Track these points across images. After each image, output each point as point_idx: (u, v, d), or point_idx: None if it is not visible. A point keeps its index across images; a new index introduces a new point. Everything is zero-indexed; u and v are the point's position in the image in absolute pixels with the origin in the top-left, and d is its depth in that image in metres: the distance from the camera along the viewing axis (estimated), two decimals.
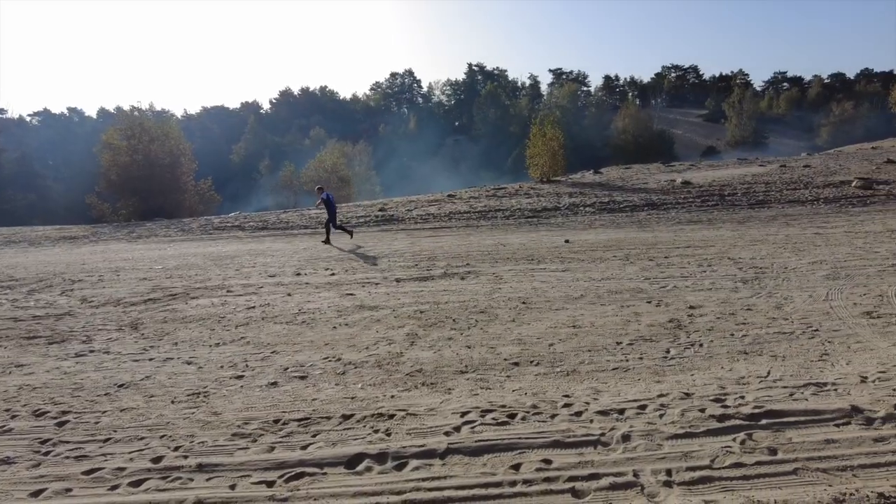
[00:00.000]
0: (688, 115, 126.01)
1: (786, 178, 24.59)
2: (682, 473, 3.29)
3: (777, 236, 12.89)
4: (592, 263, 10.85)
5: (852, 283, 8.22)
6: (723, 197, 20.72)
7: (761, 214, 17.31)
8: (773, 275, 9.01)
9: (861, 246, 11.14)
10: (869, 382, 4.50)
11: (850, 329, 6.08)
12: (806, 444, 3.54)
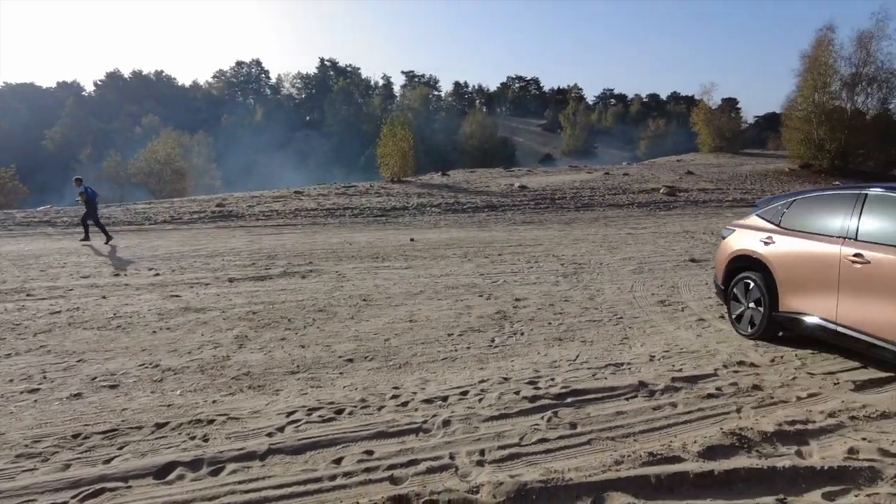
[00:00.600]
0: (529, 124, 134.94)
1: (608, 184, 27.38)
2: (493, 452, 3.53)
3: (596, 236, 14.35)
4: (434, 261, 11.20)
5: (653, 276, 9.41)
6: (554, 200, 22.55)
7: (585, 216, 19.14)
8: (589, 270, 10.01)
9: (662, 244, 12.81)
10: (655, 361, 5.19)
11: (647, 316, 6.95)
12: (601, 417, 3.99)
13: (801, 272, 5.11)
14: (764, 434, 3.56)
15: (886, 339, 4.25)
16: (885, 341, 4.26)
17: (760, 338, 5.68)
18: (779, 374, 4.74)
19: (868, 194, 4.72)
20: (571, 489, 3.04)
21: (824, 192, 5.37)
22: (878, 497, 2.90)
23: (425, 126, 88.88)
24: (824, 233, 4.97)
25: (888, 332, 4.24)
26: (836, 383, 4.47)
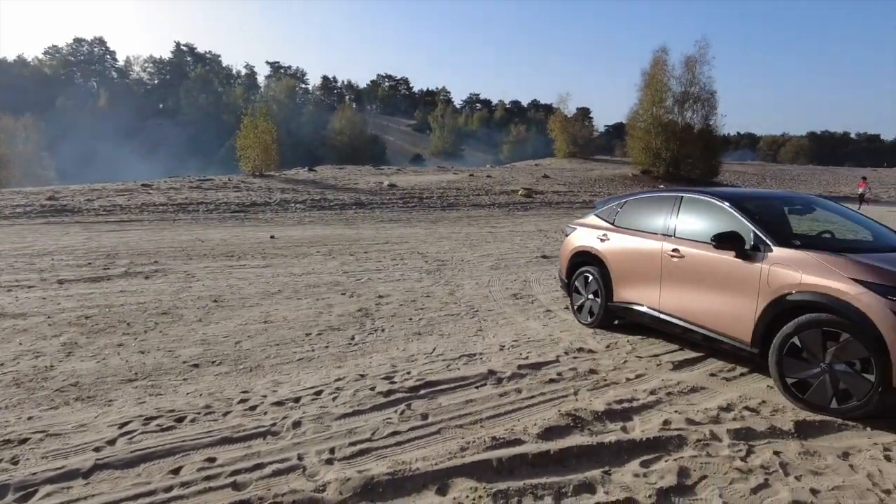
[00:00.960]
0: (399, 123, 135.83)
1: (472, 185, 28.39)
2: (344, 449, 3.49)
3: (460, 234, 14.82)
4: (296, 259, 10.85)
5: (508, 272, 9.91)
6: (421, 199, 22.92)
7: (450, 215, 19.67)
8: (451, 266, 10.30)
9: (518, 242, 13.55)
10: (505, 350, 5.47)
11: (500, 309, 7.29)
12: (451, 407, 4.12)
13: (630, 266, 5.67)
14: (595, 413, 3.90)
15: (697, 323, 4.86)
16: (696, 325, 4.87)
17: (599, 326, 6.21)
18: (612, 358, 5.21)
19: (683, 197, 5.37)
20: (418, 478, 3.10)
21: (650, 194, 6.01)
22: (683, 460, 3.29)
23: (292, 119, 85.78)
24: (649, 230, 5.56)
25: (698, 317, 4.85)
26: (658, 364, 5.01)
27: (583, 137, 52.42)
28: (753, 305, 4.27)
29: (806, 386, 3.94)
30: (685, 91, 36.71)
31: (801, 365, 3.96)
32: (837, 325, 3.74)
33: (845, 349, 3.71)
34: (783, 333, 4.01)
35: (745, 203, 4.81)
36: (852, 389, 3.72)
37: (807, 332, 3.89)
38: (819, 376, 3.86)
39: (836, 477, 3.14)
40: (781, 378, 4.07)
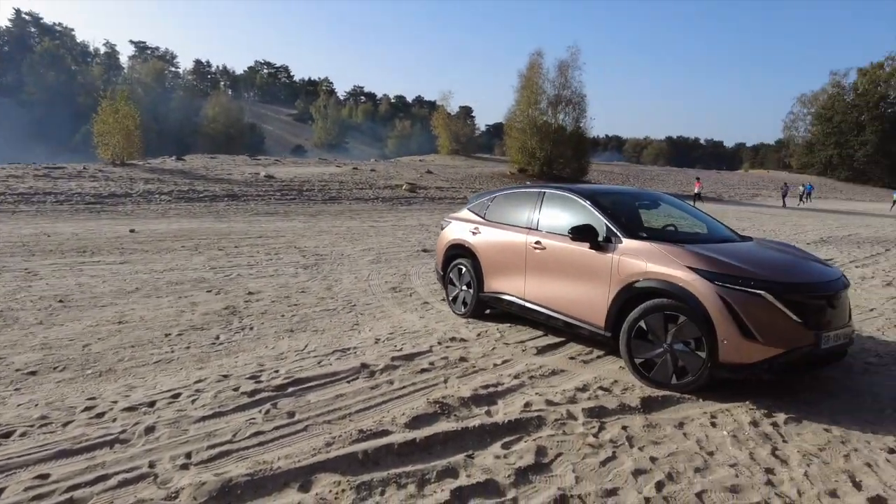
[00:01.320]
0: (279, 112, 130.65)
1: (356, 179, 28.02)
2: (201, 453, 3.29)
3: (341, 228, 14.56)
4: (158, 254, 10.07)
5: (389, 265, 9.90)
6: (301, 192, 22.23)
7: (332, 209, 19.28)
8: (330, 261, 10.09)
9: (400, 236, 13.58)
10: (380, 343, 5.45)
11: (379, 302, 7.26)
12: (320, 403, 4.03)
13: (499, 258, 5.89)
14: (462, 399, 4.00)
15: (558, 310, 5.16)
16: (557, 312, 5.17)
17: (472, 316, 6.39)
18: (482, 346, 5.39)
19: (545, 193, 5.67)
20: (279, 477, 3.00)
21: (516, 190, 6.28)
22: (542, 439, 3.48)
23: (159, 105, 79.33)
24: (515, 224, 5.82)
25: (559, 305, 5.15)
26: (524, 350, 5.26)
27: (465, 135, 53.68)
28: (606, 293, 4.62)
29: (651, 365, 4.33)
30: (558, 94, 38.85)
31: (646, 346, 4.34)
32: (676, 308, 4.15)
33: (682, 330, 4.13)
34: (631, 318, 4.38)
35: (599, 198, 5.18)
36: (688, 366, 4.15)
37: (651, 316, 4.27)
38: (662, 356, 4.26)
39: (671, 444, 3.48)
40: (630, 359, 4.44)
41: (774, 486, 3.03)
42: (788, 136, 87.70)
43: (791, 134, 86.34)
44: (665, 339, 4.22)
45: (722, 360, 3.94)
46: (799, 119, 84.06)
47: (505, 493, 2.94)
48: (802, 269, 4.42)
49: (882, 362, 5.18)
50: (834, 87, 76.96)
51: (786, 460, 3.30)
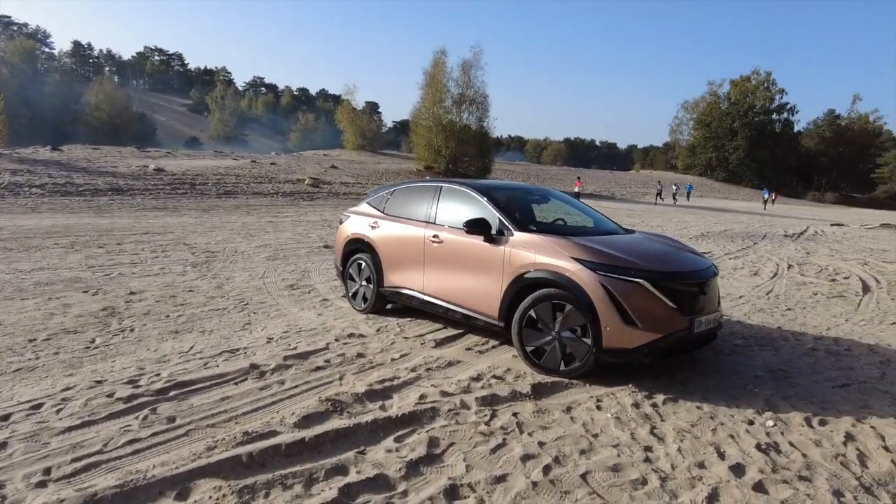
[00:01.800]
0: (172, 102, 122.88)
1: (254, 172, 26.90)
2: (64, 468, 2.99)
3: (236, 223, 13.90)
4: (25, 253, 9.11)
5: (287, 262, 9.57)
6: (194, 186, 21.00)
7: (227, 204, 18.37)
8: (223, 258, 9.59)
9: (301, 232, 13.19)
10: (273, 342, 5.24)
11: (274, 300, 6.99)
12: (204, 406, 3.80)
13: (398, 252, 5.86)
14: (356, 395, 3.93)
15: (455, 303, 5.21)
16: (455, 305, 5.22)
17: (372, 312, 6.32)
18: (381, 341, 5.33)
19: (443, 187, 5.72)
20: (153, 486, 2.79)
21: (415, 184, 6.28)
22: (434, 431, 3.49)
23: (31, 88, 71.70)
24: (414, 218, 5.81)
25: (456, 297, 5.21)
26: (422, 343, 5.27)
27: (371, 131, 53.20)
28: (499, 284, 4.72)
29: (541, 353, 4.48)
30: (462, 93, 39.46)
31: (537, 335, 4.49)
32: (563, 298, 4.32)
33: (569, 318, 4.31)
34: (522, 307, 4.51)
35: (493, 193, 5.30)
36: (575, 352, 4.33)
37: (540, 306, 4.42)
38: (551, 343, 4.42)
39: (559, 429, 3.62)
40: (522, 347, 4.57)
41: (651, 463, 3.22)
42: (674, 139, 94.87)
43: (676, 137, 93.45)
44: (553, 327, 4.38)
45: (605, 346, 4.15)
46: (683, 123, 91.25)
47: (395, 486, 2.92)
48: (678, 259, 4.75)
49: (746, 344, 5.70)
50: (711, 96, 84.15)
51: (662, 438, 3.53)
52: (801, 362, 5.17)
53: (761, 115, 79.57)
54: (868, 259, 13.28)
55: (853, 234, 21.80)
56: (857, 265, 12.19)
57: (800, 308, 7.64)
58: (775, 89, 79.60)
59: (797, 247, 15.68)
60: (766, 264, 11.84)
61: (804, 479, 3.11)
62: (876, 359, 5.40)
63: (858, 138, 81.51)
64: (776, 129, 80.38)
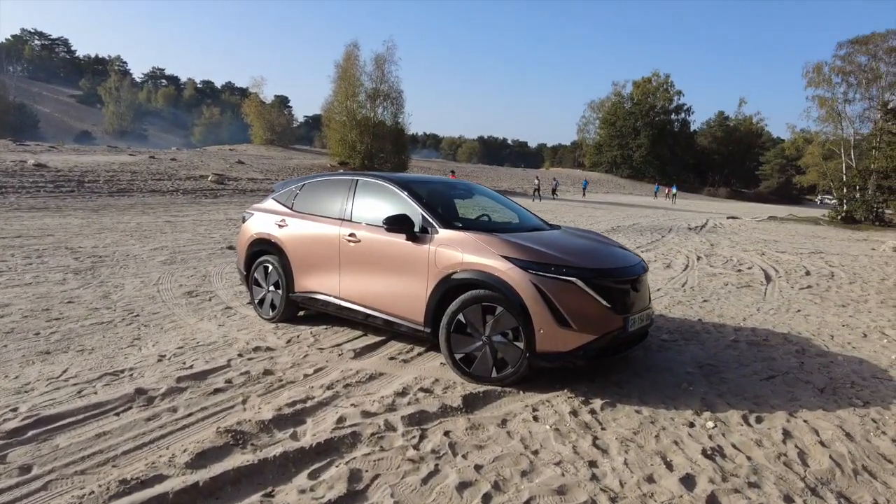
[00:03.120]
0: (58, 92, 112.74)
1: (153, 169, 24.91)
2: None
3: (129, 224, 12.61)
4: None
5: (185, 266, 8.67)
6: (82, 184, 19.04)
7: (120, 203, 16.76)
8: (111, 263, 8.54)
9: (202, 232, 12.14)
10: (165, 361, 4.55)
11: (168, 310, 6.20)
12: (73, 447, 3.12)
13: (310, 253, 5.30)
14: (262, 423, 3.39)
15: (376, 308, 4.75)
16: (376, 310, 4.76)
17: (282, 320, 5.71)
18: (292, 354, 4.77)
19: (359, 181, 5.22)
20: None
21: (328, 177, 5.73)
22: (356, 461, 3.03)
23: None
24: (327, 215, 5.28)
25: (377, 302, 4.74)
26: (340, 354, 4.76)
27: (280, 125, 51.12)
28: (424, 286, 4.32)
29: (471, 359, 4.13)
30: (376, 88, 38.69)
31: (466, 340, 4.13)
32: (493, 299, 3.98)
33: (500, 321, 3.97)
34: (450, 311, 4.13)
35: (414, 187, 4.88)
36: (507, 357, 4.01)
37: (469, 309, 4.06)
38: (481, 349, 4.07)
39: (496, 447, 3.26)
40: (451, 354, 4.19)
41: (599, 481, 2.93)
42: (581, 137, 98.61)
43: (583, 136, 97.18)
44: (484, 331, 4.04)
45: (539, 350, 3.86)
46: (589, 122, 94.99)
47: None
48: (608, 255, 4.55)
49: (672, 338, 5.65)
50: (616, 96, 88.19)
51: (606, 450, 3.27)
52: (727, 355, 5.16)
53: (661, 114, 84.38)
54: (764, 250, 14.13)
55: (747, 226, 23.38)
56: (756, 255, 12.90)
57: (715, 299, 7.81)
58: (673, 90, 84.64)
59: (701, 239, 16.46)
60: (676, 256, 12.24)
61: (754, 486, 2.94)
62: (792, 348, 5.50)
63: (745, 138, 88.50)
64: (675, 129, 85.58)
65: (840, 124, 39.14)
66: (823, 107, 39.30)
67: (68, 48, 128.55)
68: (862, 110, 38.83)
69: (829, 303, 7.89)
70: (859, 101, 39.00)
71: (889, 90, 37.13)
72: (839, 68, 38.74)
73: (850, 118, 39.03)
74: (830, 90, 39.12)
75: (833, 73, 38.94)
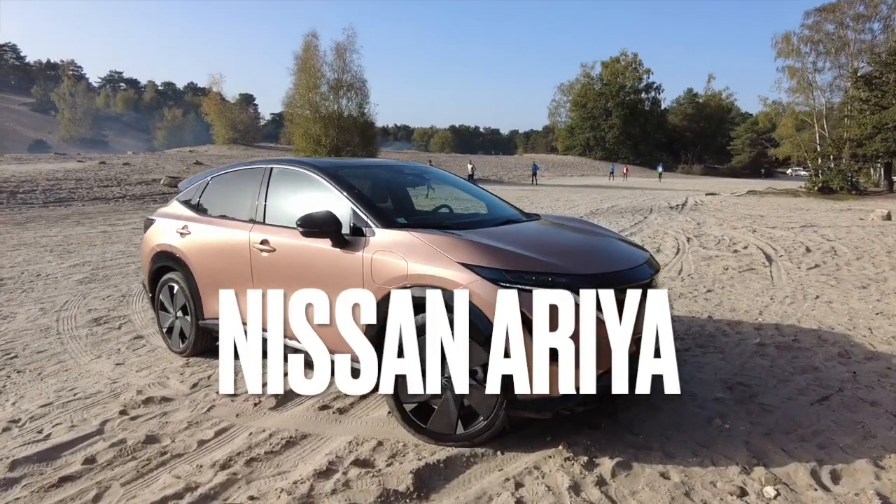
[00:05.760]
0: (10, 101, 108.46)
1: (102, 175, 23.27)
2: None
3: (55, 238, 11.17)
4: None
5: (106, 284, 7.36)
6: (14, 195, 17.39)
7: (54, 213, 15.21)
8: (13, 287, 7.19)
9: (138, 242, 10.76)
10: (15, 428, 3.31)
11: (61, 346, 4.94)
12: None
13: (217, 268, 4.08)
14: None
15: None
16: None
17: (195, 354, 4.49)
18: (193, 406, 3.56)
19: (273, 169, 3.99)
20: None
21: (239, 167, 4.48)
22: None
23: None
24: (236, 217, 4.06)
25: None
26: (256, 404, 3.56)
27: (243, 123, 49.16)
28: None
29: (428, 411, 2.96)
30: (339, 78, 37.07)
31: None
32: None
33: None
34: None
35: (343, 173, 3.66)
36: (477, 406, 2.86)
37: (420, 340, 2.88)
38: (441, 396, 2.91)
39: None
40: (398, 405, 3.02)
41: None
42: (553, 121, 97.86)
43: (555, 120, 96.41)
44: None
45: (520, 395, 2.70)
46: (560, 106, 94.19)
47: None
48: (608, 253, 3.41)
49: (684, 346, 4.57)
50: (585, 77, 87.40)
51: None
52: (757, 367, 4.09)
53: (632, 94, 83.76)
54: (754, 226, 13.24)
55: (728, 202, 22.64)
56: (748, 233, 11.98)
57: (719, 288, 6.78)
58: (642, 69, 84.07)
59: (685, 218, 15.55)
60: (665, 239, 11.25)
61: None
62: (832, 350, 4.46)
63: (715, 114, 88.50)
64: (646, 108, 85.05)
65: (811, 94, 38.82)
66: (794, 77, 38.90)
67: (17, 54, 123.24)
68: (832, 79, 38.60)
69: (848, 285, 6.91)
70: (829, 70, 38.77)
71: (858, 57, 36.83)
72: (807, 38, 38.36)
73: (821, 87, 38.75)
74: (800, 60, 38.74)
75: (801, 42, 38.55)
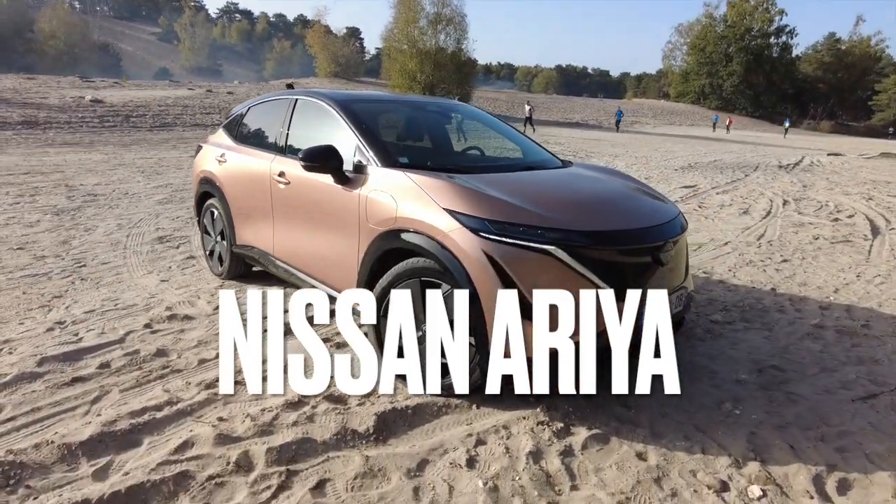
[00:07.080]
0: (140, 31, 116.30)
1: (206, 102, 24.59)
2: None
3: (149, 160, 12.03)
4: None
5: (181, 205, 7.91)
6: (128, 118, 18.84)
7: (156, 137, 16.36)
8: (102, 203, 7.85)
9: None
10: (58, 329, 3.64)
11: (123, 260, 5.38)
12: None
13: (246, 196, 4.18)
14: (72, 447, 2.35)
15: (306, 272, 3.60)
16: (304, 273, 3.61)
17: (232, 277, 4.71)
18: (208, 327, 3.74)
19: (297, 100, 3.94)
20: None
21: (272, 97, 4.47)
22: None
23: None
24: (263, 147, 4.10)
25: (307, 264, 3.59)
26: (265, 330, 3.67)
27: (345, 56, 49.70)
28: (355, 248, 3.09)
29: None
30: (438, 12, 36.27)
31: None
32: (435, 274, 2.69)
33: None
34: (379, 288, 2.88)
35: (355, 107, 3.54)
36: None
37: (406, 285, 2.79)
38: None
39: None
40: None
41: None
42: (667, 65, 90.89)
43: (669, 64, 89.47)
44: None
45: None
46: (676, 49, 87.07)
47: None
48: (621, 208, 3.08)
49: (728, 319, 4.17)
50: (707, 18, 79.71)
51: None
52: (803, 350, 3.65)
53: (759, 38, 75.58)
54: (872, 193, 11.73)
55: (852, 164, 20.22)
56: (860, 200, 10.64)
57: (798, 258, 6.11)
58: (774, 10, 75.27)
59: (792, 179, 14.07)
60: (758, 200, 10.26)
61: None
62: None
63: (858, 63, 78.19)
64: (773, 54, 76.62)
65: None
66: None
67: None
68: None
69: None
70: None
71: None
72: None
73: None
74: None
75: None
